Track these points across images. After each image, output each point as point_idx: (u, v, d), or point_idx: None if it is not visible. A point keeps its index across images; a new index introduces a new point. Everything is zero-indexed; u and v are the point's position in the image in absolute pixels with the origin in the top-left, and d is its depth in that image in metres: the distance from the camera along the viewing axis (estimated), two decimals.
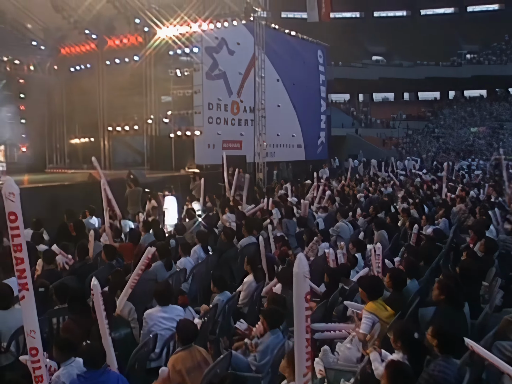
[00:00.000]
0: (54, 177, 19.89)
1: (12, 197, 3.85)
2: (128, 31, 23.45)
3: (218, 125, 23.14)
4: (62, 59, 25.80)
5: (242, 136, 24.49)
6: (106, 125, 24.74)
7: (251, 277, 6.93)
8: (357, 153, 39.86)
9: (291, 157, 28.79)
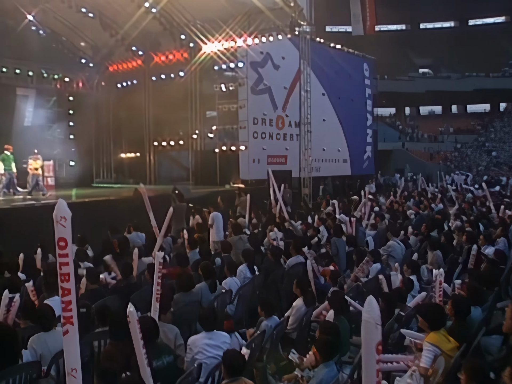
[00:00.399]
0: (100, 192, 20.00)
1: (64, 222, 3.55)
2: (174, 47, 23.56)
3: (263, 139, 22.93)
4: (109, 76, 26.18)
5: (287, 151, 24.20)
6: (152, 140, 24.92)
7: (300, 301, 6.53)
8: (404, 167, 38.98)
9: (336, 172, 28.29)
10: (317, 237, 11.12)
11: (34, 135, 22.36)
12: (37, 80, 24.00)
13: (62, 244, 3.52)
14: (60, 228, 3.54)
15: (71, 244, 3.59)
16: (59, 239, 3.53)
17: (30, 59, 23.01)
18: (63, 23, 24.31)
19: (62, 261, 3.54)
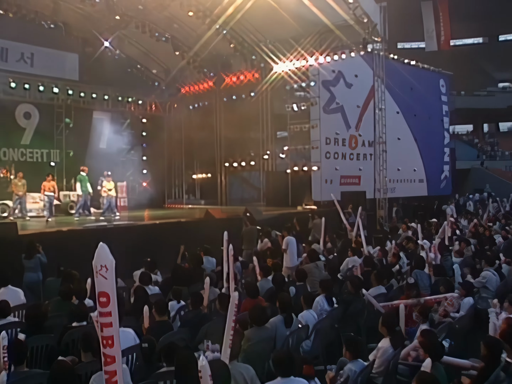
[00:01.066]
0: (172, 213, 19.93)
1: (105, 272, 2.91)
2: (245, 68, 23.45)
3: (335, 160, 22.20)
4: (181, 98, 26.43)
5: (361, 171, 23.31)
6: (223, 161, 24.83)
7: (387, 342, 5.79)
8: (483, 187, 36.93)
9: (412, 193, 27.03)
10: (399, 265, 10.29)
11: (108, 157, 22.73)
12: (112, 104, 24.52)
13: (103, 300, 2.89)
14: (101, 280, 2.89)
15: (115, 299, 2.97)
16: (100, 294, 2.90)
17: (106, 83, 23.56)
18: (138, 48, 24.88)
19: (105, 322, 2.91)
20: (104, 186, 16.43)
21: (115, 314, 2.91)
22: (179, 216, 18.09)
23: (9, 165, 19.96)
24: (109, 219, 15.88)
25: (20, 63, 21.90)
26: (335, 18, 19.38)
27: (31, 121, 22.28)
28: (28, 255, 9.73)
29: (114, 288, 2.92)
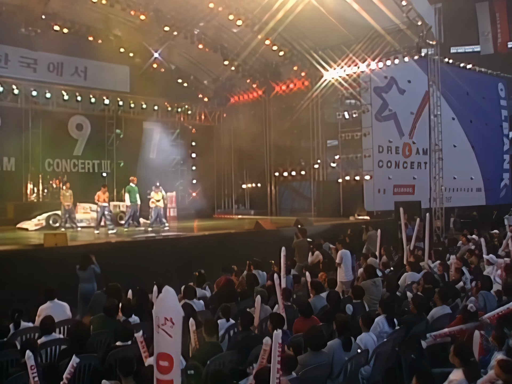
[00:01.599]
0: (221, 224, 19.58)
1: (170, 328, 2.21)
2: (295, 76, 22.98)
3: (388, 168, 21.43)
4: (231, 107, 26.22)
5: (415, 180, 22.44)
6: (273, 170, 24.37)
7: (460, 374, 5.09)
8: None
9: (469, 202, 25.85)
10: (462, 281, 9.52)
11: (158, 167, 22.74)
12: (162, 114, 24.54)
13: (164, 364, 2.23)
14: (164, 338, 2.21)
15: (178, 364, 2.34)
16: (160, 356, 2.23)
17: (155, 94, 23.57)
18: (186, 59, 24.81)
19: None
20: (152, 197, 16.25)
21: (178, 380, 2.27)
22: (228, 227, 17.71)
23: (61, 175, 20.21)
24: (157, 230, 15.67)
25: (74, 77, 22.35)
26: (386, 22, 18.66)
27: (83, 132, 22.57)
28: (82, 266, 9.56)
29: (179, 350, 2.28)
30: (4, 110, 20.27)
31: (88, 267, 9.58)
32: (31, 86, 20.60)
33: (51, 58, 21.76)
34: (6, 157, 20.66)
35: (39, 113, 21.09)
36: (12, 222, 17.95)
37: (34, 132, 20.97)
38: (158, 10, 20.71)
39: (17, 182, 20.44)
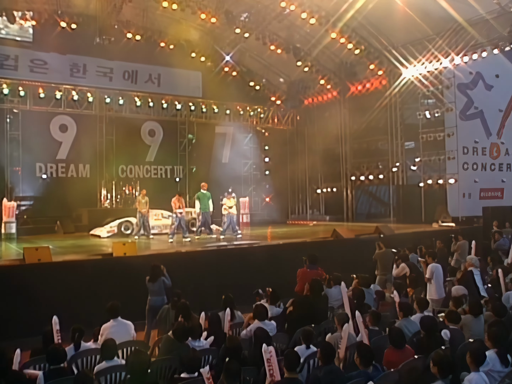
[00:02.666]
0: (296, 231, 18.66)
1: None
2: (371, 75, 21.74)
3: (474, 171, 19.71)
4: (304, 110, 25.30)
5: (504, 183, 20.57)
6: (349, 174, 23.18)
7: None
8: None
9: None
10: None
11: (231, 172, 22.26)
12: (234, 118, 23.98)
13: None
14: None
15: None
16: None
17: (227, 98, 23.08)
18: (258, 61, 24.21)
19: None
20: (224, 204, 15.59)
21: None
22: (303, 234, 16.79)
23: (134, 182, 20.05)
24: (230, 238, 14.99)
25: (148, 84, 22.41)
26: (470, 14, 17.15)
27: (155, 138, 22.45)
28: (152, 278, 8.92)
29: None
30: (79, 118, 20.46)
31: (158, 279, 8.94)
32: (105, 94, 20.62)
33: (126, 66, 21.97)
34: (81, 163, 20.83)
35: (112, 120, 21.13)
36: (86, 228, 17.93)
37: (108, 139, 21.04)
38: (229, 12, 20.22)
39: (92, 188, 20.51)
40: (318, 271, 9.12)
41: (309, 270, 9.13)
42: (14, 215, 16.66)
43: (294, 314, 7.61)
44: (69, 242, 14.80)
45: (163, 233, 16.81)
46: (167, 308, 8.34)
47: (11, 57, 19.80)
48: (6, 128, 19.19)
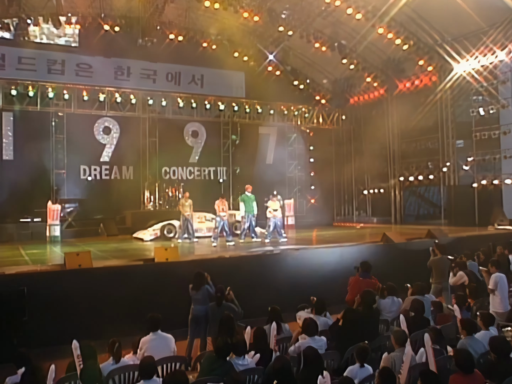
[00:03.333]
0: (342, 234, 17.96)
1: None
2: (420, 71, 20.77)
3: None
4: (350, 109, 24.52)
5: None
6: (397, 174, 22.23)
7: None
8: None
9: None
10: None
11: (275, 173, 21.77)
12: (278, 118, 23.43)
13: None
14: None
15: None
16: None
17: (271, 98, 22.57)
18: (302, 59, 23.62)
19: None
20: (269, 206, 15.02)
21: None
22: (351, 238, 16.05)
23: (177, 184, 19.78)
24: (275, 242, 14.43)
25: (191, 85, 22.20)
26: None
27: (198, 139, 22.18)
28: (195, 286, 8.46)
29: None
30: (122, 120, 20.38)
31: (201, 287, 8.47)
32: (148, 95, 20.46)
33: (169, 68, 21.86)
34: (125, 165, 20.76)
35: (155, 121, 20.96)
36: (129, 230, 17.73)
37: (151, 140, 20.89)
38: (272, 10, 19.73)
39: (135, 190, 20.39)
40: (371, 280, 8.49)
41: (362, 278, 8.51)
42: (59, 217, 16.60)
43: (344, 329, 6.99)
44: (111, 246, 14.58)
45: (206, 236, 16.42)
46: (213, 306, 7.94)
47: (58, 62, 20.01)
48: (51, 131, 19.31)
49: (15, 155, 18.62)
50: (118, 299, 9.44)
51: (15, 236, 16.65)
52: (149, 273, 10.13)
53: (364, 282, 8.41)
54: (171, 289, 9.83)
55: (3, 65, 19.14)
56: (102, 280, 9.68)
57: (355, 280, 8.62)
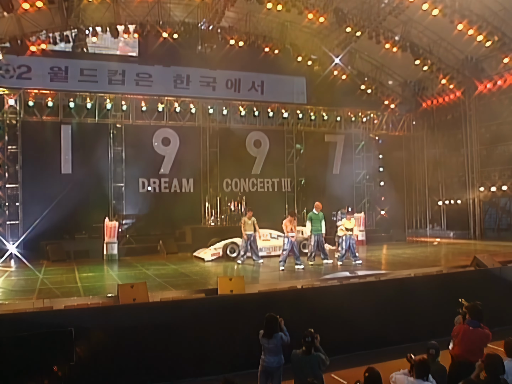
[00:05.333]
0: (420, 253, 15.96)
1: None
2: (505, 70, 18.50)
3: None
4: (422, 113, 22.45)
5: None
6: (476, 184, 19.95)
7: None
8: None
9: None
10: None
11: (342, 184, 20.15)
12: (345, 125, 21.67)
13: None
14: None
15: None
16: None
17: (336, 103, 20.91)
18: (369, 62, 21.83)
19: None
20: (343, 225, 13.28)
21: None
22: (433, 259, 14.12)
23: (240, 197, 18.33)
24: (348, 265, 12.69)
25: (252, 92, 21.07)
26: None
27: (261, 149, 20.77)
28: (267, 333, 6.87)
29: None
30: (182, 130, 19.29)
31: (274, 334, 6.90)
32: (208, 104, 19.27)
33: (228, 75, 20.75)
34: (185, 178, 19.61)
35: (216, 131, 19.76)
36: (190, 248, 16.48)
37: (212, 151, 19.68)
38: (339, 10, 18.09)
39: (196, 204, 19.20)
40: (484, 331, 6.63)
41: (472, 328, 6.67)
42: (116, 235, 15.48)
43: None
44: (170, 268, 13.24)
45: (271, 255, 14.91)
46: (298, 354, 6.34)
47: (119, 72, 19.24)
48: (109, 143, 18.36)
49: (73, 168, 17.73)
50: (177, 336, 8.15)
51: (72, 254, 15.66)
52: (212, 309, 8.67)
53: (476, 334, 6.53)
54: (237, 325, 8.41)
55: (66, 78, 18.55)
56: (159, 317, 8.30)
57: (463, 330, 6.76)
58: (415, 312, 9.66)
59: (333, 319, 8.85)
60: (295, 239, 12.78)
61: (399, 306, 9.67)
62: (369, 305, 9.34)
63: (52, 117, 17.65)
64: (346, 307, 9.16)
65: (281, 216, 19.95)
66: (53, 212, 16.15)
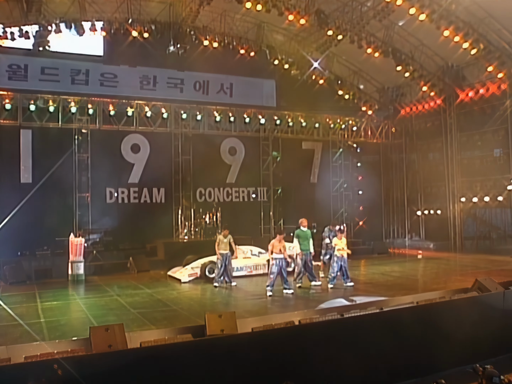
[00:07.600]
0: (410, 270, 15.01)
1: None
2: (487, 77, 17.82)
3: None
4: (401, 120, 21.67)
5: None
6: (457, 194, 19.19)
7: None
8: None
9: None
10: None
11: (320, 193, 19.23)
12: (323, 132, 20.62)
13: None
14: None
15: None
16: None
17: (314, 109, 19.89)
18: (347, 67, 20.91)
19: None
20: (335, 244, 12.09)
21: None
22: (426, 278, 13.20)
23: (215, 208, 16.99)
24: (340, 289, 11.54)
25: (220, 94, 19.87)
26: None
27: (236, 156, 19.48)
28: None
29: None
30: (152, 136, 17.87)
31: None
32: (181, 109, 17.87)
33: (196, 76, 19.37)
34: (156, 187, 18.12)
35: (189, 137, 18.41)
36: (162, 265, 15.04)
37: (185, 159, 18.29)
38: (320, 12, 17.00)
39: (168, 215, 17.78)
40: None
41: None
42: (82, 253, 13.86)
43: None
44: (145, 294, 11.64)
45: (253, 274, 13.67)
46: None
47: (82, 72, 17.60)
48: (74, 150, 16.58)
49: (34, 177, 16.00)
50: None
51: (33, 274, 13.96)
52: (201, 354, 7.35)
53: None
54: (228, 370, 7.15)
55: (25, 76, 16.75)
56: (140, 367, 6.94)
57: None
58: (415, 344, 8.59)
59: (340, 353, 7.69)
60: (283, 263, 11.45)
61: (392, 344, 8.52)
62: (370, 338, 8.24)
63: (10, 121, 15.82)
64: (344, 342, 8.03)
65: (257, 227, 18.91)
66: (10, 226, 14.55)
